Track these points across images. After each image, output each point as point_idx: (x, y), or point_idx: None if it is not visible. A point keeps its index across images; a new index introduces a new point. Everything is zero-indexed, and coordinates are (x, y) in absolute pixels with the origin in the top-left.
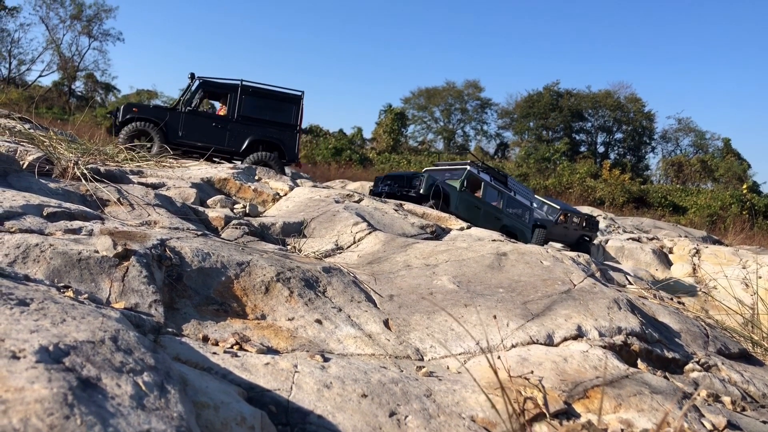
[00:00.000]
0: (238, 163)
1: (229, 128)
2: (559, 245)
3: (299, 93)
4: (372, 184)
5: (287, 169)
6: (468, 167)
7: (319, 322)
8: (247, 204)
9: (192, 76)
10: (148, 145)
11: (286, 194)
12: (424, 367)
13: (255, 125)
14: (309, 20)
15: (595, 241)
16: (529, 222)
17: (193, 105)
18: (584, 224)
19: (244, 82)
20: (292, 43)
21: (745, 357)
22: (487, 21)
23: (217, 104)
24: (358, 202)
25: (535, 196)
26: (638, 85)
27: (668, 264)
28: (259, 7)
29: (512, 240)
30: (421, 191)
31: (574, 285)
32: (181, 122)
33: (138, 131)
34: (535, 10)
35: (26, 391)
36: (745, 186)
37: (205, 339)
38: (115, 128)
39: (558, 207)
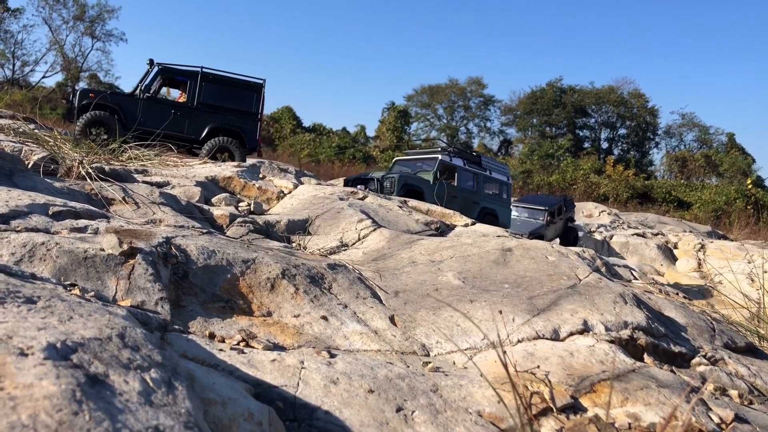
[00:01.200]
0: (201, 152)
1: (188, 115)
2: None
3: (260, 81)
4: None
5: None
6: (440, 156)
7: (325, 318)
8: (252, 202)
9: (150, 63)
10: (105, 134)
11: (290, 192)
12: (430, 362)
13: (215, 113)
14: (311, 19)
15: (599, 237)
16: (507, 199)
17: (152, 91)
18: (565, 209)
19: (204, 69)
20: (295, 42)
21: (751, 351)
22: (490, 18)
23: (177, 92)
24: (362, 199)
25: (513, 203)
26: (641, 81)
27: (673, 259)
28: (262, 5)
29: (518, 236)
30: (393, 193)
31: (580, 280)
32: (139, 109)
33: (95, 119)
34: (537, 6)
35: (35, 387)
36: (749, 181)
37: (212, 336)
38: (74, 114)
39: (542, 208)
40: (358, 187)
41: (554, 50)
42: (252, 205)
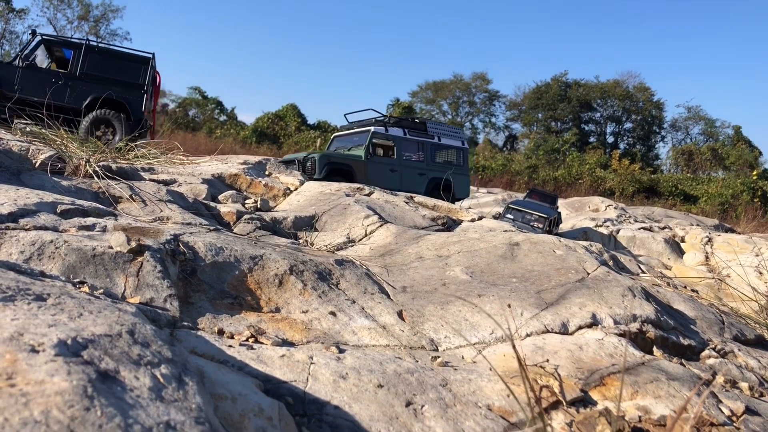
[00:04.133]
0: (82, 123)
1: (70, 85)
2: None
3: (149, 54)
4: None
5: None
6: (372, 128)
7: (333, 314)
8: (258, 199)
9: (33, 33)
10: None
11: (296, 189)
12: (439, 357)
13: (98, 83)
14: (313, 16)
15: (606, 231)
16: (464, 166)
17: (30, 60)
18: (556, 206)
19: (89, 41)
20: (298, 38)
21: (761, 343)
22: (494, 12)
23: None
24: (368, 195)
25: (510, 209)
26: (647, 74)
27: (680, 253)
28: (266, 2)
29: (524, 231)
30: (315, 175)
31: (588, 273)
32: (17, 77)
33: None
34: (541, 0)
35: (46, 383)
36: (755, 173)
37: (221, 332)
38: None
39: (543, 216)
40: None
41: (559, 45)
42: (259, 202)
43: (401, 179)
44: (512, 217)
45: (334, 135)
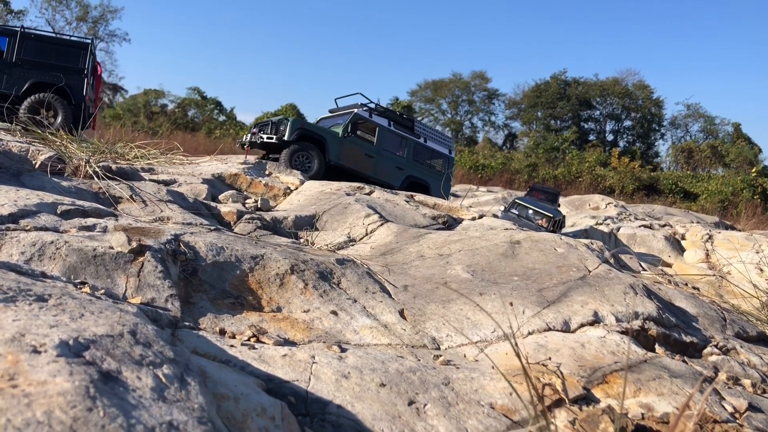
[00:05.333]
0: (22, 107)
1: (8, 71)
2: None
3: (87, 40)
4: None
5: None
6: (355, 110)
7: (334, 313)
8: (259, 198)
9: None
10: None
11: (296, 188)
12: (441, 355)
13: (37, 68)
14: (312, 16)
15: (606, 229)
16: (447, 174)
17: None
18: (557, 203)
19: (24, 28)
20: (297, 38)
21: (763, 340)
22: (492, 11)
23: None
24: (369, 194)
25: (515, 204)
26: (646, 72)
27: (681, 250)
28: (264, 1)
29: (525, 229)
30: (285, 137)
31: (590, 271)
32: None
33: None
34: None
35: (49, 384)
36: (754, 170)
37: (222, 332)
38: None
39: (549, 215)
40: (259, 134)
41: (558, 43)
42: (259, 202)
43: (376, 167)
44: (517, 212)
45: (320, 117)
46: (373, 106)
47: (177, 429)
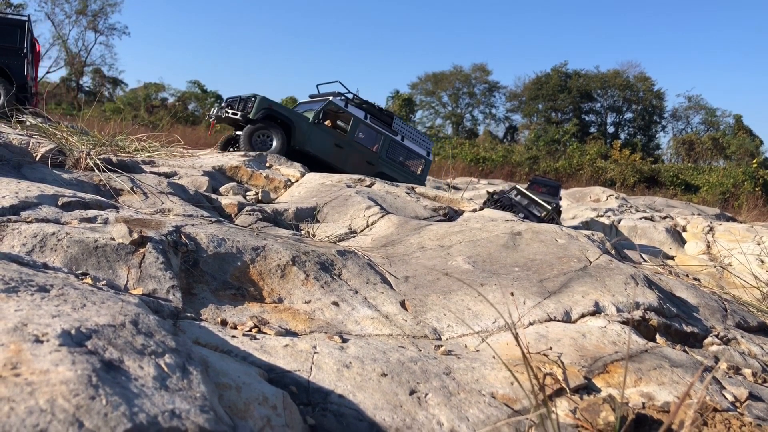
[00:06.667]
0: None
1: None
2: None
3: (24, 17)
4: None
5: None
6: (330, 98)
7: (335, 304)
8: (260, 191)
9: None
10: None
11: (297, 180)
12: (442, 345)
13: None
14: (312, 8)
15: (607, 221)
16: (422, 175)
17: None
18: (559, 197)
19: None
20: (297, 31)
21: (764, 330)
22: (493, 3)
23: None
24: (369, 186)
25: (516, 186)
26: (647, 64)
27: (682, 242)
28: None
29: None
30: (250, 115)
31: (590, 262)
32: None
33: None
34: None
35: (51, 373)
36: (755, 161)
37: (224, 323)
38: None
39: (547, 207)
40: (226, 109)
41: (559, 35)
42: (260, 194)
43: (345, 159)
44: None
45: (299, 102)
46: (351, 96)
47: (179, 417)
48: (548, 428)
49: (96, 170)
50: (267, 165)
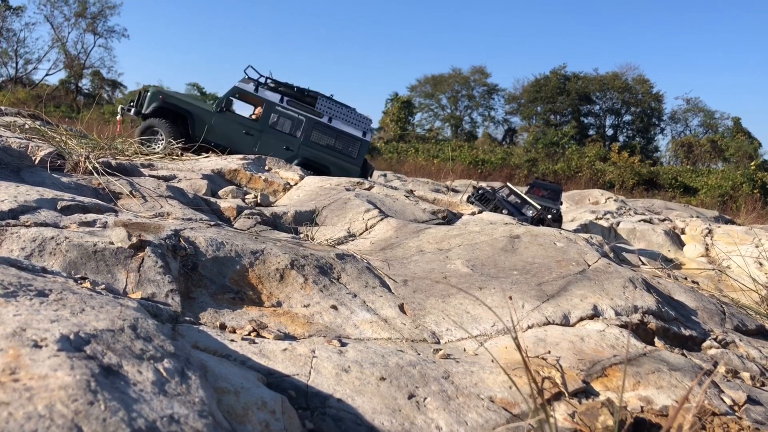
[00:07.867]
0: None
1: None
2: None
3: None
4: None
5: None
6: (236, 84)
7: (334, 308)
8: (258, 194)
9: None
10: None
11: (296, 183)
12: (441, 349)
13: None
14: (312, 10)
15: (606, 224)
16: (358, 158)
17: None
18: (559, 200)
19: None
20: (296, 33)
21: (762, 333)
22: (492, 5)
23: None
24: (368, 189)
25: (513, 189)
26: (646, 67)
27: (680, 245)
28: None
29: (524, 223)
30: (143, 110)
31: (589, 265)
32: None
33: None
34: None
35: (50, 378)
36: (753, 164)
37: (223, 327)
38: None
39: (536, 206)
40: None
41: (557, 37)
42: (259, 197)
43: (258, 146)
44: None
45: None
46: (263, 80)
47: (178, 422)
48: None
49: (95, 174)
50: (266, 168)
